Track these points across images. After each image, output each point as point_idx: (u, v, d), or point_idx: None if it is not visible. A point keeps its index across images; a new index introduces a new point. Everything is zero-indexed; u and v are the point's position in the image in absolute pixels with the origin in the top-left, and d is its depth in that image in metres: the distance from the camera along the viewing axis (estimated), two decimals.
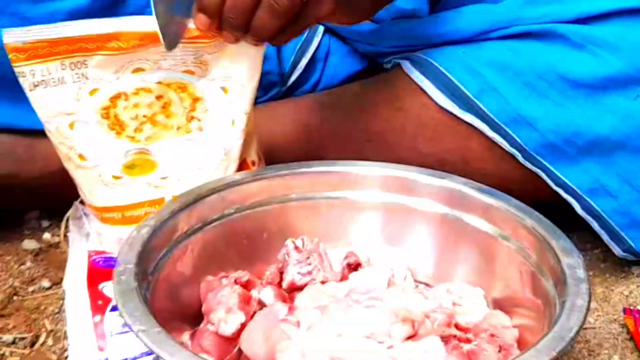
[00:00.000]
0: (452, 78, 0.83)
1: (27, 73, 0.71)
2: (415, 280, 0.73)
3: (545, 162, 0.81)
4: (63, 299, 0.79)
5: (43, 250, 0.87)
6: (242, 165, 0.77)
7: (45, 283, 0.81)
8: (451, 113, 0.84)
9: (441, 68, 0.84)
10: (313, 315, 0.64)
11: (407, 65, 0.87)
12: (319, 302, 0.66)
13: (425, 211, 0.73)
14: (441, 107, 0.84)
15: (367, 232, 0.75)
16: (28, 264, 0.84)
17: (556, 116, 0.80)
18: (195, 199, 0.71)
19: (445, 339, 0.61)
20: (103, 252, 0.78)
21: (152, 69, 0.72)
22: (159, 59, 0.71)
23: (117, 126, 0.73)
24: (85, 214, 0.83)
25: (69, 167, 0.76)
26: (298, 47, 0.95)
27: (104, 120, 0.73)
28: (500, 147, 0.83)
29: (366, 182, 0.74)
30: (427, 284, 0.73)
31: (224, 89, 0.73)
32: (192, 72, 0.72)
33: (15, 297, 0.79)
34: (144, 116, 0.73)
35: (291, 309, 0.65)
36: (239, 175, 0.74)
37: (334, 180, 0.75)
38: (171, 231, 0.68)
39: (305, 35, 0.95)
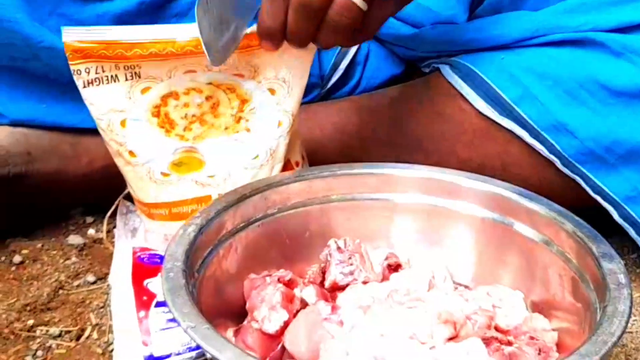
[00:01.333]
0: (492, 84, 0.84)
1: (82, 71, 0.73)
2: (454, 282, 0.74)
3: (584, 170, 0.82)
4: (107, 293, 0.80)
5: (87, 246, 0.89)
6: (286, 166, 0.79)
7: (90, 277, 0.83)
8: (490, 119, 0.85)
9: (481, 74, 0.84)
10: (356, 315, 0.65)
11: (446, 70, 0.88)
12: (361, 302, 0.67)
13: (465, 214, 0.74)
14: (480, 113, 0.85)
15: (407, 233, 0.76)
16: (73, 258, 0.86)
17: (596, 124, 0.81)
18: (239, 198, 0.72)
19: (487, 341, 0.62)
20: (147, 249, 0.79)
21: (204, 71, 0.73)
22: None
23: (167, 124, 0.75)
24: (131, 210, 0.85)
25: (119, 163, 0.78)
26: (338, 50, 0.96)
27: (154, 118, 0.75)
28: (539, 153, 0.84)
29: (407, 184, 0.75)
30: (466, 286, 0.74)
31: (271, 90, 0.75)
32: (241, 75, 0.74)
33: (61, 291, 0.81)
34: (193, 115, 0.75)
35: (334, 309, 0.66)
36: (281, 176, 0.76)
37: (375, 182, 0.76)
38: (217, 230, 0.69)
39: None
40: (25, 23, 0.83)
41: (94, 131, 0.90)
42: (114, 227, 0.90)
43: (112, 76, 0.73)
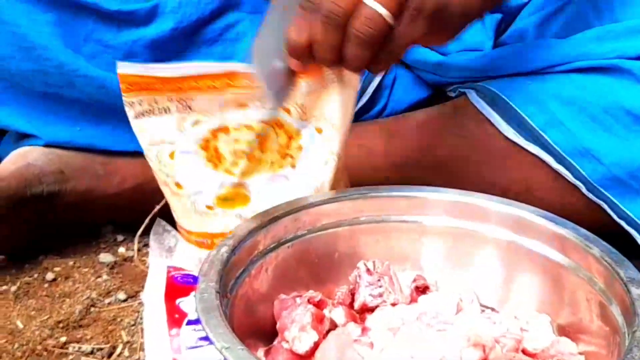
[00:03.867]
0: (519, 110, 0.85)
1: (136, 103, 0.74)
2: (481, 305, 0.75)
3: (609, 195, 0.83)
4: (138, 311, 0.82)
5: (118, 264, 0.90)
6: None
7: (121, 295, 0.85)
8: (516, 143, 0.86)
9: (507, 99, 0.86)
10: (386, 337, 0.66)
11: (472, 95, 0.89)
12: (390, 324, 0.68)
13: (492, 237, 0.75)
14: (506, 137, 0.86)
15: (435, 256, 0.77)
16: (104, 276, 0.88)
17: (621, 150, 0.81)
18: (270, 220, 0.73)
19: None
20: (182, 269, 0.81)
21: (256, 107, 0.75)
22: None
23: (215, 158, 0.76)
24: (167, 229, 0.86)
25: (165, 192, 0.79)
26: (367, 74, 0.97)
27: (203, 151, 0.76)
28: (564, 178, 0.85)
29: (436, 207, 0.76)
30: (492, 309, 0.75)
31: (318, 130, 0.76)
32: (289, 112, 0.75)
33: (92, 309, 0.83)
34: (242, 151, 0.76)
35: (364, 330, 0.67)
36: (311, 198, 0.77)
37: (403, 204, 0.77)
38: (248, 250, 0.70)
39: None
40: (60, 50, 0.86)
41: (125, 152, 0.93)
42: (144, 245, 0.92)
43: (164, 108, 0.75)
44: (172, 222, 0.86)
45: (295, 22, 0.68)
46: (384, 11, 0.65)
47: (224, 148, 0.76)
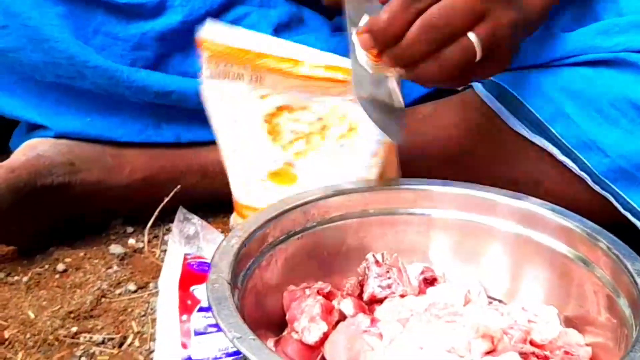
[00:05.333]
0: (525, 103, 0.85)
1: (213, 63, 0.76)
2: (489, 297, 0.76)
3: (614, 187, 0.83)
4: (148, 302, 0.83)
5: (128, 255, 0.91)
6: None
7: (131, 286, 0.85)
8: (523, 136, 0.86)
9: (514, 93, 0.86)
10: (395, 328, 0.67)
11: (479, 88, 0.90)
12: (399, 315, 0.69)
13: (500, 230, 0.76)
14: (513, 130, 0.87)
15: (442, 248, 0.78)
16: (115, 267, 0.89)
17: (627, 143, 0.82)
18: (280, 212, 0.74)
19: (524, 356, 0.63)
20: (199, 257, 0.81)
21: (323, 93, 0.76)
22: (329, 86, 0.75)
23: (276, 134, 0.77)
24: (187, 218, 0.87)
25: (224, 157, 0.81)
26: None
27: (265, 124, 0.77)
28: (570, 170, 0.85)
29: (444, 200, 0.77)
30: (500, 301, 0.76)
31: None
32: (353, 100, 0.75)
33: (103, 299, 0.84)
34: (302, 132, 0.77)
35: (373, 321, 0.68)
36: (320, 191, 0.77)
37: (411, 197, 0.78)
38: (259, 242, 0.71)
39: None
40: (70, 42, 0.86)
41: (135, 143, 0.93)
42: (154, 236, 0.93)
43: (238, 74, 0.76)
44: (191, 211, 0.87)
45: (394, 8, 0.67)
46: (479, 50, 0.68)
47: (285, 125, 0.77)
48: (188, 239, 0.86)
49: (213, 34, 0.75)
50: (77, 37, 0.87)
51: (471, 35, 0.68)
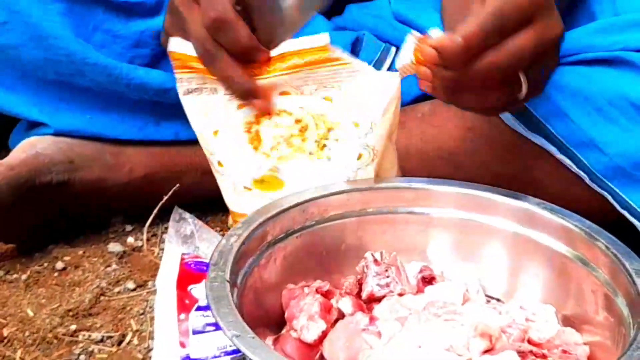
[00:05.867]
0: None
1: (185, 80, 0.77)
2: (487, 296, 0.76)
3: (612, 185, 0.83)
4: (147, 300, 0.83)
5: (127, 253, 0.91)
6: None
7: (130, 285, 0.86)
8: (521, 134, 0.87)
9: None
10: (393, 326, 0.67)
11: None
12: (397, 313, 0.69)
13: (498, 229, 0.76)
14: (511, 128, 0.87)
15: (440, 247, 0.78)
16: (113, 266, 0.89)
17: (625, 141, 0.82)
18: (279, 211, 0.74)
19: (522, 354, 0.63)
20: (196, 257, 0.82)
21: (296, 94, 0.76)
22: (301, 84, 0.75)
23: (256, 141, 0.78)
24: (183, 217, 0.87)
25: (212, 168, 0.81)
26: (372, 65, 0.98)
27: (246, 134, 0.77)
28: (568, 169, 0.85)
29: (443, 199, 0.77)
30: (498, 300, 0.76)
31: (355, 124, 0.76)
32: (330, 99, 0.76)
33: (102, 297, 0.84)
34: (282, 136, 0.77)
35: (372, 320, 0.68)
36: (320, 189, 0.78)
37: (410, 196, 0.78)
38: (257, 241, 0.71)
39: (379, 54, 0.98)
40: (70, 40, 0.86)
41: (135, 141, 0.93)
42: (153, 235, 0.93)
43: (212, 88, 0.76)
44: (187, 211, 0.87)
45: (471, 38, 0.66)
46: (523, 90, 0.69)
47: (266, 132, 0.77)
48: (185, 239, 0.86)
49: (182, 49, 0.75)
50: (77, 35, 0.88)
51: (522, 77, 0.69)
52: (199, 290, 0.76)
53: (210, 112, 0.77)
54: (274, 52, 0.75)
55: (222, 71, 0.74)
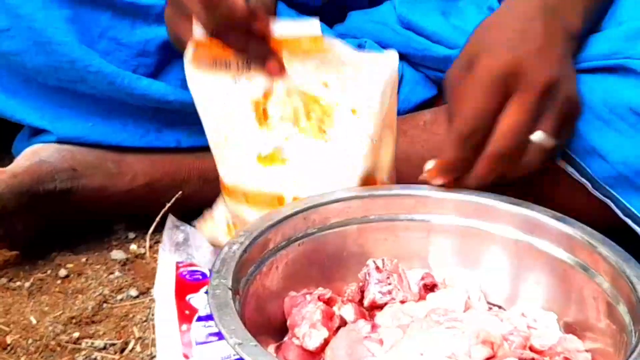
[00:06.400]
0: None
1: (198, 56, 0.77)
2: (488, 303, 0.76)
3: (614, 193, 0.83)
4: (150, 307, 0.83)
5: (130, 261, 0.92)
6: (368, 182, 0.80)
7: (133, 292, 0.86)
8: None
9: None
10: (395, 334, 0.67)
11: None
12: (399, 321, 0.70)
13: (499, 236, 0.76)
14: None
15: (442, 254, 0.78)
16: (116, 273, 0.89)
17: (627, 148, 0.82)
18: (280, 218, 0.74)
19: None
20: (190, 264, 0.82)
21: (297, 75, 0.77)
22: (299, 69, 0.76)
23: (263, 118, 0.78)
24: (176, 225, 0.88)
25: (210, 141, 0.81)
26: None
27: (253, 110, 0.78)
28: (570, 176, 0.85)
29: (444, 206, 0.77)
30: (499, 307, 0.76)
31: (353, 110, 0.76)
32: (327, 85, 0.76)
33: (105, 305, 0.84)
34: (289, 116, 0.77)
35: (374, 327, 0.68)
36: (321, 197, 0.78)
37: (412, 203, 0.78)
38: (260, 248, 0.71)
39: None
40: (74, 46, 0.87)
41: (137, 149, 0.94)
42: (156, 242, 0.93)
43: (226, 62, 0.77)
44: (185, 219, 0.88)
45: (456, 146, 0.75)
46: (550, 142, 0.75)
47: (272, 110, 0.77)
48: (178, 246, 0.86)
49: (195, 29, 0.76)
50: (82, 41, 0.88)
51: (536, 136, 0.73)
52: (197, 300, 0.76)
53: (221, 84, 0.78)
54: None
55: (235, 40, 0.75)
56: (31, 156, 0.91)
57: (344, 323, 0.71)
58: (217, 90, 0.78)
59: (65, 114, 0.92)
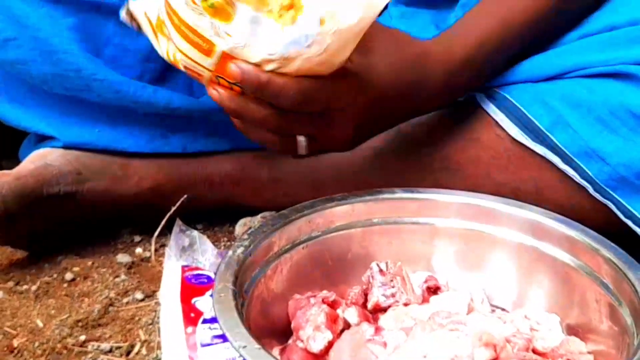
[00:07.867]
0: (525, 112, 0.86)
1: None
2: (491, 305, 0.76)
3: (615, 195, 0.84)
4: (155, 311, 0.84)
5: (135, 264, 0.92)
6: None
7: (139, 295, 0.86)
8: (524, 145, 0.87)
9: (515, 102, 0.87)
10: (399, 336, 0.68)
11: (482, 98, 0.90)
12: (403, 324, 0.70)
13: (502, 239, 0.77)
14: (514, 139, 0.88)
15: (445, 257, 0.79)
16: (122, 276, 0.89)
17: (627, 151, 0.82)
18: (285, 221, 0.75)
19: None
20: (196, 268, 0.82)
21: None
22: None
23: None
24: (182, 229, 0.88)
25: None
26: None
27: None
28: (571, 179, 0.86)
29: (447, 209, 0.78)
30: (502, 309, 0.77)
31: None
32: None
33: (110, 308, 0.84)
34: None
35: (378, 330, 0.69)
36: (325, 200, 0.78)
37: (415, 206, 0.79)
38: (264, 252, 0.72)
39: None
40: (79, 55, 0.87)
41: (143, 154, 0.94)
42: (162, 246, 0.94)
43: None
44: (190, 223, 0.88)
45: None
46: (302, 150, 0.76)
47: None
48: (183, 250, 0.87)
49: None
50: (88, 49, 0.88)
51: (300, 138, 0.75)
52: (203, 303, 0.77)
53: None
54: None
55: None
56: (37, 160, 0.91)
57: (347, 326, 0.72)
58: None
59: (71, 121, 0.92)
